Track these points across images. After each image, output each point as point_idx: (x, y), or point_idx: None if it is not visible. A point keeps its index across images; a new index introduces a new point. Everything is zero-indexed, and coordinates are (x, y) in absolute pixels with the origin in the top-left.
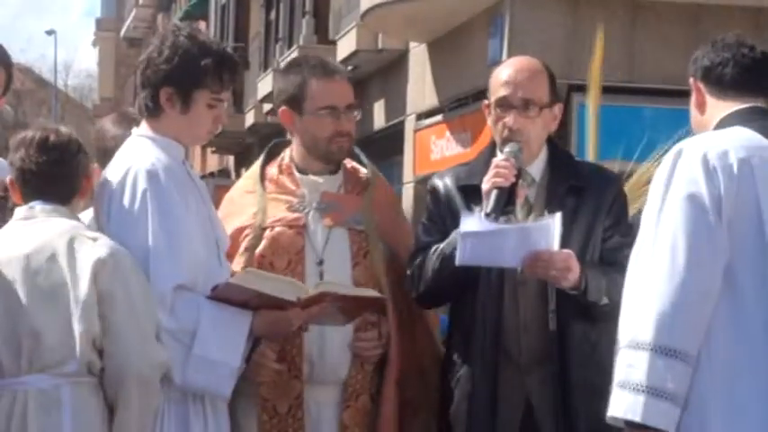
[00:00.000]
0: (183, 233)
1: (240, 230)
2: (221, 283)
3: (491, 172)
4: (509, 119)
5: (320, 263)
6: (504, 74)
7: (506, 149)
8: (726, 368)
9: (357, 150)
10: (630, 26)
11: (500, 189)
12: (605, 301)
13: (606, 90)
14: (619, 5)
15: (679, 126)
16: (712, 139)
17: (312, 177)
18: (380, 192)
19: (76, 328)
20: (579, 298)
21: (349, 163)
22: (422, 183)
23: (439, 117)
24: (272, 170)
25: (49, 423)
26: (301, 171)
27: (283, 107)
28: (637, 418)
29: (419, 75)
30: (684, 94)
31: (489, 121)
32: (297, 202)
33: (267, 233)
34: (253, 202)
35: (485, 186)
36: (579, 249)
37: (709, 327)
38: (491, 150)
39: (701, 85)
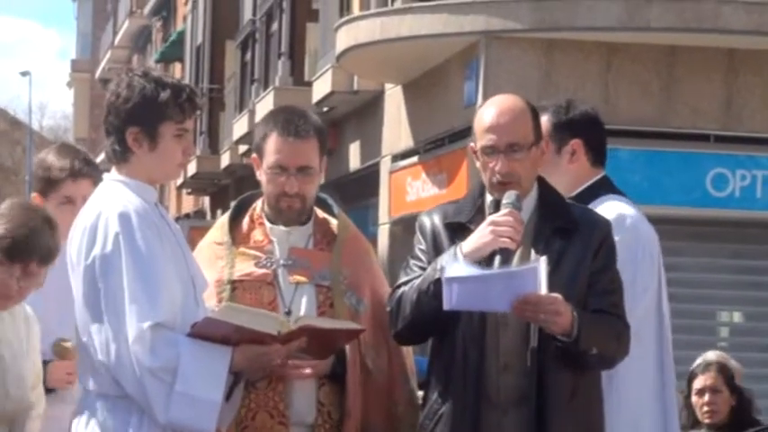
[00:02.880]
0: (158, 273)
1: (217, 282)
2: (200, 319)
3: (487, 229)
4: (497, 164)
5: (288, 313)
6: (487, 118)
7: (505, 200)
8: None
9: (330, 201)
10: (605, 68)
11: (505, 251)
12: (594, 350)
13: None
14: (593, 48)
15: (653, 167)
16: (634, 208)
17: (282, 228)
18: (351, 244)
19: None
20: (570, 346)
21: (320, 213)
22: (397, 224)
23: (414, 158)
24: (244, 221)
25: None
26: (271, 221)
27: (254, 155)
28: None
29: (394, 116)
30: (659, 136)
31: (477, 165)
32: (264, 259)
33: (238, 285)
34: (221, 254)
35: (481, 239)
36: (564, 292)
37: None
38: (480, 190)
39: (584, 148)
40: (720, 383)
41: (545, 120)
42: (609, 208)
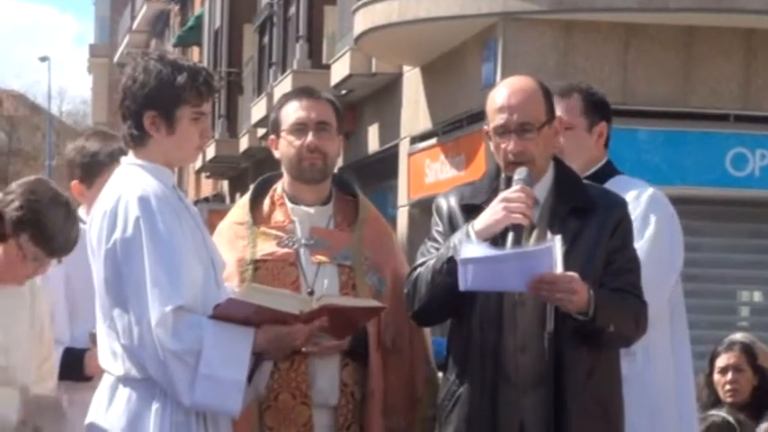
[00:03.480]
0: (179, 256)
1: (239, 262)
2: (223, 300)
3: (499, 205)
4: (509, 144)
5: (311, 293)
6: (498, 99)
7: (516, 176)
8: None
9: (351, 182)
10: (624, 49)
11: (517, 227)
12: (611, 328)
13: None
14: (611, 29)
15: (672, 147)
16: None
17: (303, 208)
18: (372, 225)
19: None
20: (587, 324)
21: (341, 194)
22: (416, 206)
23: (433, 140)
24: (265, 202)
25: None
26: (293, 201)
27: (271, 136)
28: None
29: (413, 98)
30: (678, 116)
31: (491, 147)
32: (286, 238)
33: (260, 266)
34: (242, 234)
35: (493, 216)
36: (580, 272)
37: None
38: (496, 171)
39: (605, 130)
40: (744, 363)
41: (576, 99)
42: (641, 186)
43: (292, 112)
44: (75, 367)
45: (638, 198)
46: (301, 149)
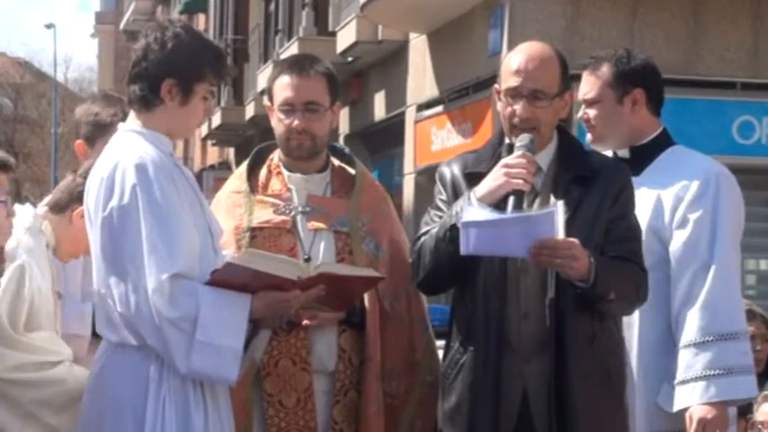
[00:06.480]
0: (176, 223)
1: (236, 229)
2: (221, 266)
3: (500, 171)
4: (518, 108)
5: (307, 259)
6: (515, 62)
7: (519, 143)
8: None
9: (347, 150)
10: (631, 16)
11: (518, 192)
12: (612, 296)
13: None
14: None
15: (679, 115)
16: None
17: (300, 176)
18: (369, 192)
19: None
20: (587, 291)
21: (337, 162)
22: (423, 174)
23: (439, 108)
24: (262, 171)
25: None
26: (289, 169)
27: (267, 103)
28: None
29: (419, 66)
30: (685, 84)
31: (499, 107)
32: (283, 206)
33: (257, 233)
34: (239, 202)
35: (494, 181)
36: (582, 240)
37: None
38: (500, 138)
39: (644, 97)
40: (765, 331)
41: (605, 70)
42: (705, 161)
43: (282, 89)
44: None
45: (706, 180)
46: (289, 130)
